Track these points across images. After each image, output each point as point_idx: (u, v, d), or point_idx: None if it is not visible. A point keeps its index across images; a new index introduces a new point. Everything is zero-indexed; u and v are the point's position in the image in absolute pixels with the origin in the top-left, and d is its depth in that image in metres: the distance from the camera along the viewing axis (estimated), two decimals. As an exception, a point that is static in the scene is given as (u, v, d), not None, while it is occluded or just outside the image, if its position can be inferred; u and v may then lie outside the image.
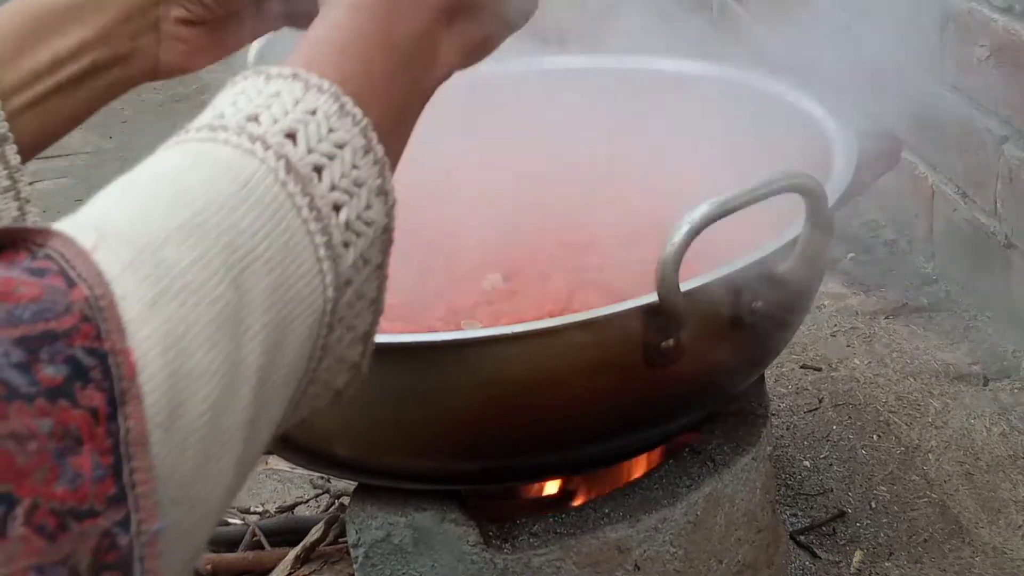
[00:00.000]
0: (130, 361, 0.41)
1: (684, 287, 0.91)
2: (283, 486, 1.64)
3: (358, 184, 0.53)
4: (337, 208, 0.52)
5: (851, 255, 1.98)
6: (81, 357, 0.40)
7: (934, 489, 1.45)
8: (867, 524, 1.40)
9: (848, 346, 1.73)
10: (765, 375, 1.22)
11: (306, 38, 0.58)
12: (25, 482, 0.37)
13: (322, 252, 0.51)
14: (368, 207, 0.53)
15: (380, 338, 0.56)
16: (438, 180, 1.38)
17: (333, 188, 0.52)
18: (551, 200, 1.37)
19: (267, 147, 0.50)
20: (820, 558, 1.36)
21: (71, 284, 0.42)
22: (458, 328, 1.19)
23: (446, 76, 0.63)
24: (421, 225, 1.36)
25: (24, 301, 0.40)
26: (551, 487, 1.19)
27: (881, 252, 1.99)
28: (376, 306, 0.55)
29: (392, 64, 0.58)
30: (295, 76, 0.53)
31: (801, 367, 1.68)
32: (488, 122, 1.41)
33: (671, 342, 0.94)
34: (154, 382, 0.42)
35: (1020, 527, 1.38)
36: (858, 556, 1.35)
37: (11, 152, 0.72)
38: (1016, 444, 1.50)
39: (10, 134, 0.72)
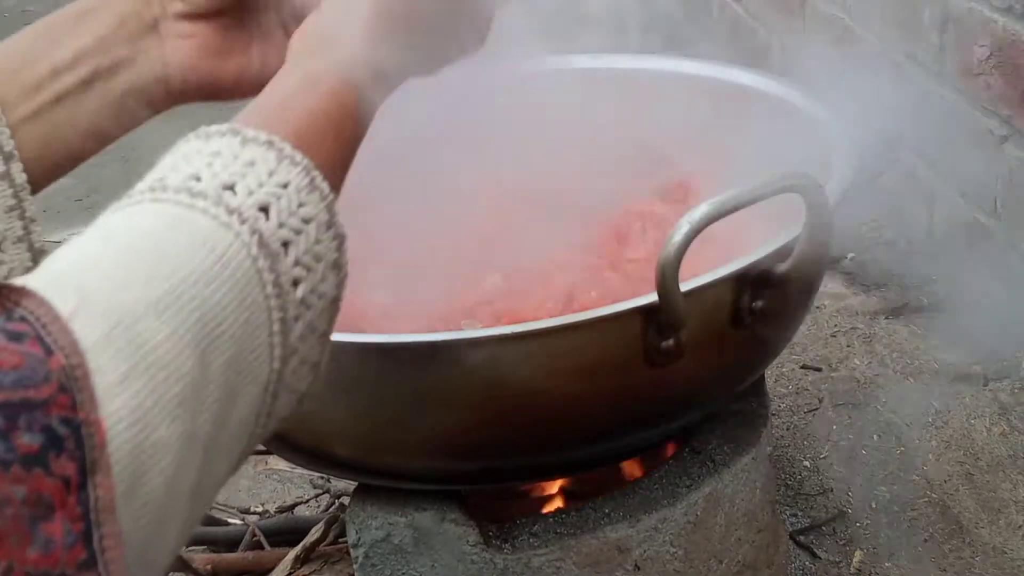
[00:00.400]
0: (101, 432, 0.43)
1: (684, 287, 0.91)
2: (283, 486, 1.64)
3: (317, 259, 0.54)
4: (296, 283, 0.53)
5: (851, 255, 1.98)
6: (56, 427, 0.41)
7: (934, 489, 1.45)
8: (867, 524, 1.40)
9: (848, 346, 1.73)
10: (765, 375, 1.22)
11: (274, 94, 0.59)
12: (1, 546, 0.38)
13: (276, 327, 0.52)
14: (323, 280, 0.55)
15: (380, 338, 0.57)
16: (438, 180, 1.39)
17: (296, 264, 0.53)
18: (551, 200, 1.37)
19: (243, 220, 0.52)
20: (820, 558, 1.36)
21: (48, 352, 0.43)
22: (458, 328, 1.19)
23: (388, 95, 0.66)
24: (421, 225, 1.36)
25: (5, 368, 0.41)
26: (551, 487, 1.19)
27: (881, 252, 1.99)
28: (316, 369, 0.57)
29: (355, 132, 0.61)
30: (270, 144, 0.54)
31: (801, 367, 1.68)
32: (488, 122, 1.41)
33: (671, 342, 0.94)
34: (119, 454, 0.43)
35: (1020, 527, 1.38)
36: (858, 556, 1.35)
37: (16, 171, 0.72)
38: (1016, 444, 1.50)
39: (15, 152, 0.72)
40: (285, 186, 0.53)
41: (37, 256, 0.71)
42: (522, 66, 1.47)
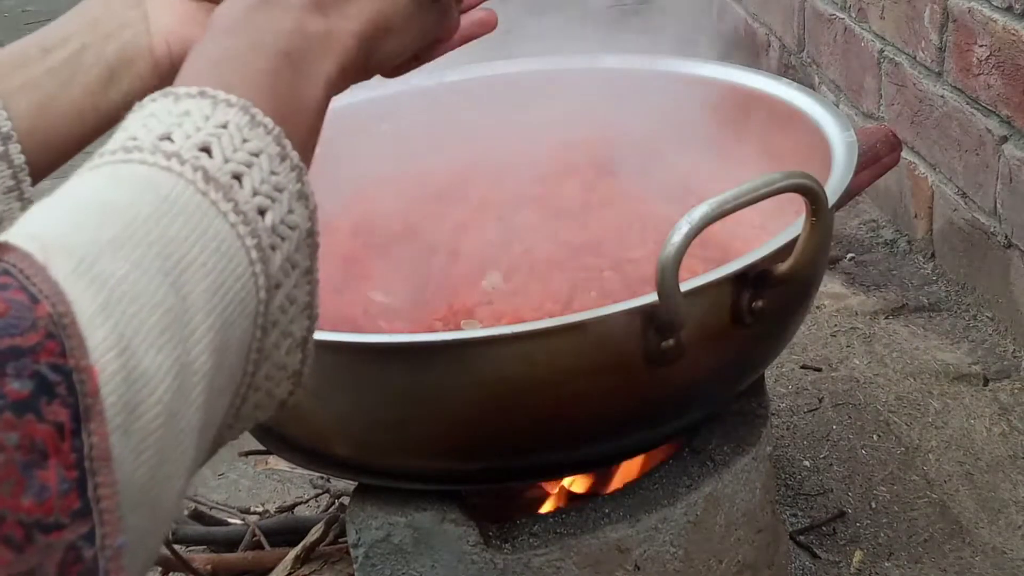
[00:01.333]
0: (94, 378, 0.42)
1: (684, 287, 0.91)
2: (283, 486, 1.64)
3: (279, 189, 0.53)
4: (262, 212, 0.52)
5: (851, 255, 1.98)
6: (46, 373, 0.40)
7: (934, 489, 1.45)
8: (867, 524, 1.40)
9: (848, 346, 1.73)
10: (765, 375, 1.22)
11: (191, 63, 0.59)
12: None
13: (254, 255, 0.51)
14: (291, 211, 0.54)
15: (380, 338, 0.57)
16: (439, 180, 1.39)
17: (255, 194, 0.52)
18: (551, 200, 1.37)
19: (183, 162, 0.51)
20: (820, 558, 1.36)
21: (34, 300, 0.42)
22: (458, 328, 1.19)
23: (340, 75, 0.63)
24: (421, 225, 1.36)
25: None
26: (551, 487, 1.19)
27: (881, 252, 2.00)
28: (310, 311, 0.55)
29: (278, 64, 0.59)
30: (202, 94, 0.54)
31: (801, 367, 1.68)
32: (489, 122, 1.41)
33: (671, 342, 0.94)
34: (110, 385, 0.43)
35: (1020, 527, 1.38)
36: (858, 556, 1.35)
37: (15, 151, 0.72)
38: (1016, 444, 1.50)
39: (13, 132, 0.72)
40: (224, 126, 0.53)
41: (27, 206, 0.71)
42: (522, 66, 1.47)
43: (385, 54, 0.67)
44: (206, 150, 0.52)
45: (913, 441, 1.53)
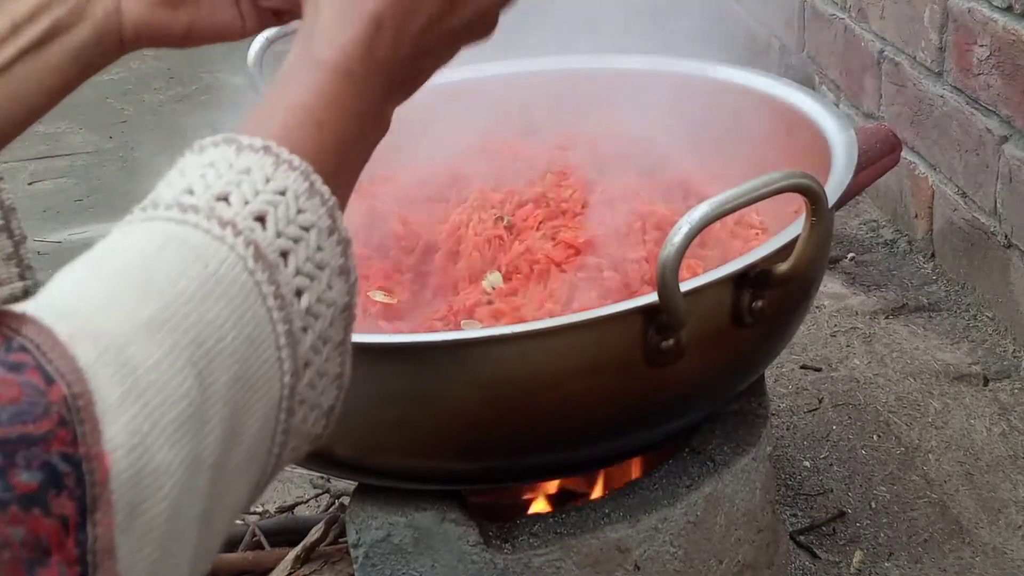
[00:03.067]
0: (104, 466, 0.41)
1: (684, 287, 0.91)
2: (283, 486, 1.64)
3: (320, 267, 0.52)
4: (299, 293, 0.51)
5: (851, 255, 1.98)
6: (57, 463, 0.40)
7: (934, 489, 1.45)
8: (867, 524, 1.40)
9: (848, 346, 1.73)
10: (765, 375, 1.22)
11: (280, 98, 0.56)
12: None
13: (282, 340, 0.50)
14: (329, 288, 0.53)
15: (380, 338, 0.56)
16: (439, 180, 1.39)
17: (298, 273, 0.51)
18: (551, 200, 1.37)
19: (237, 233, 0.50)
20: (820, 558, 1.36)
21: (49, 381, 0.41)
22: (458, 328, 1.19)
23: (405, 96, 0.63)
24: (421, 225, 1.36)
25: (2, 402, 0.40)
26: (551, 487, 1.19)
27: (881, 252, 2.00)
28: (340, 381, 0.55)
29: (361, 133, 0.58)
30: (267, 150, 0.52)
31: (801, 367, 1.68)
32: (490, 122, 1.41)
33: (671, 342, 0.94)
34: (117, 482, 0.42)
35: (1020, 527, 1.38)
36: (858, 556, 1.35)
37: (15, 225, 0.70)
38: (1016, 444, 1.50)
39: (15, 206, 0.71)
40: (283, 193, 0.51)
41: (25, 273, 0.69)
42: (522, 66, 1.47)
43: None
44: (261, 219, 0.51)
45: (913, 441, 1.53)
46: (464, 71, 1.46)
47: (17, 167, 2.72)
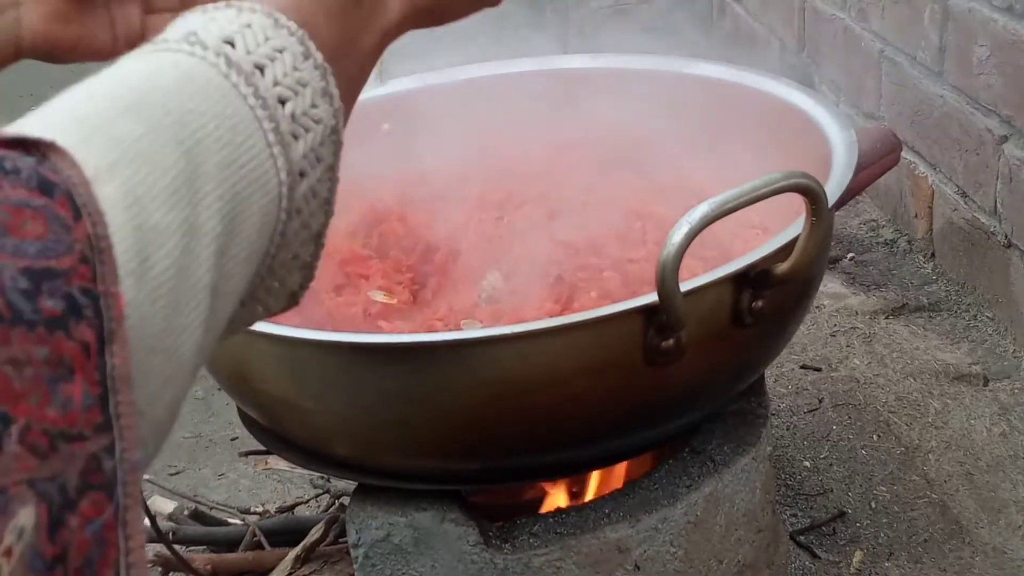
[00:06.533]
0: (119, 305, 0.43)
1: (684, 287, 0.91)
2: (283, 486, 1.64)
3: (301, 84, 0.55)
4: (283, 101, 0.54)
5: (851, 255, 1.98)
6: (77, 295, 0.42)
7: (934, 489, 1.45)
8: (867, 524, 1.40)
9: (848, 346, 1.73)
10: (765, 375, 1.22)
11: None
12: (21, 404, 0.39)
13: (271, 137, 0.53)
14: (314, 106, 0.55)
15: (380, 338, 0.56)
16: (439, 180, 1.39)
17: (276, 84, 0.54)
18: (551, 200, 1.37)
19: (206, 47, 0.53)
20: (820, 558, 1.36)
21: (77, 216, 0.43)
22: (458, 328, 1.19)
23: (398, 23, 0.64)
24: (421, 225, 1.36)
25: (30, 238, 0.42)
26: (551, 487, 1.19)
27: (881, 252, 2.00)
28: (327, 207, 0.57)
29: (345, 5, 0.60)
30: (228, 5, 0.56)
31: (801, 367, 1.68)
32: (490, 122, 1.41)
33: (671, 342, 0.94)
34: (122, 233, 0.45)
35: (1020, 527, 1.38)
36: (858, 556, 1.35)
37: None
38: (1016, 444, 1.50)
39: None
40: (248, 25, 0.55)
41: None
42: (522, 66, 1.48)
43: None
44: (230, 42, 0.54)
45: (913, 441, 1.53)
46: (465, 71, 1.47)
47: None
